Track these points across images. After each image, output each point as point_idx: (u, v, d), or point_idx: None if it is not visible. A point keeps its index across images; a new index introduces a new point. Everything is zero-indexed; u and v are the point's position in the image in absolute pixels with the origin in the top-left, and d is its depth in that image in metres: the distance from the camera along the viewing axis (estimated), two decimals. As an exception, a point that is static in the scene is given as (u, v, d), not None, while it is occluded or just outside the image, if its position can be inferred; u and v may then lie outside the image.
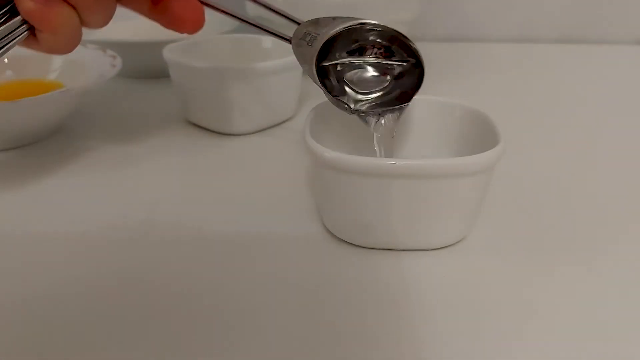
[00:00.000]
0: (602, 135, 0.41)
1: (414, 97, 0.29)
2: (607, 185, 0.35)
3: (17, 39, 0.25)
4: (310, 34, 0.28)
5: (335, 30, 0.27)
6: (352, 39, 0.29)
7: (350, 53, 0.29)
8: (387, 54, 0.29)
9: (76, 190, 0.33)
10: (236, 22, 0.52)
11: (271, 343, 0.23)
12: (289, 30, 0.30)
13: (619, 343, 0.23)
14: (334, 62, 0.29)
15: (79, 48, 0.44)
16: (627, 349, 0.23)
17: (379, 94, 0.29)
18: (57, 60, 0.44)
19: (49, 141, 0.39)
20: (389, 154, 0.29)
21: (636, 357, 0.22)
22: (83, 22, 0.26)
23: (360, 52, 0.29)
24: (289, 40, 0.30)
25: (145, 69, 0.51)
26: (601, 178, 0.35)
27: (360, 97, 0.29)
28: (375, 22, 0.28)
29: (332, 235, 0.29)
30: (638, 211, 0.32)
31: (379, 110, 0.29)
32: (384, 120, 0.28)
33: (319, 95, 0.29)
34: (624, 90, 0.51)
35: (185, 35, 0.29)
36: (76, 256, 0.28)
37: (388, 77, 0.29)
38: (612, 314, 0.24)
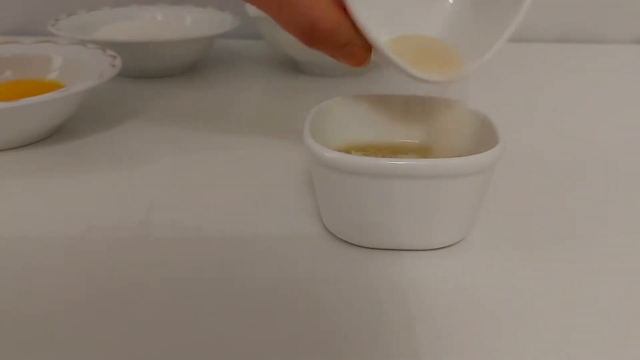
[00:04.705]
0: (602, 135, 0.41)
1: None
2: (607, 184, 0.35)
3: None
4: None
5: None
6: None
7: None
8: None
9: (75, 190, 0.33)
10: (236, 22, 0.52)
11: (271, 343, 0.23)
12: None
13: (619, 342, 0.23)
14: None
15: (79, 48, 0.44)
16: (627, 348, 0.23)
17: None
18: (57, 60, 0.44)
19: (49, 141, 0.39)
20: None
21: (637, 357, 0.22)
22: None
23: None
24: None
25: (145, 69, 0.51)
26: (601, 178, 0.35)
27: None
28: None
29: (332, 235, 0.29)
30: (638, 211, 0.32)
31: None
32: None
33: (318, 95, 0.28)
34: (624, 89, 0.51)
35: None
36: (75, 256, 0.28)
37: None
38: (613, 314, 0.24)
